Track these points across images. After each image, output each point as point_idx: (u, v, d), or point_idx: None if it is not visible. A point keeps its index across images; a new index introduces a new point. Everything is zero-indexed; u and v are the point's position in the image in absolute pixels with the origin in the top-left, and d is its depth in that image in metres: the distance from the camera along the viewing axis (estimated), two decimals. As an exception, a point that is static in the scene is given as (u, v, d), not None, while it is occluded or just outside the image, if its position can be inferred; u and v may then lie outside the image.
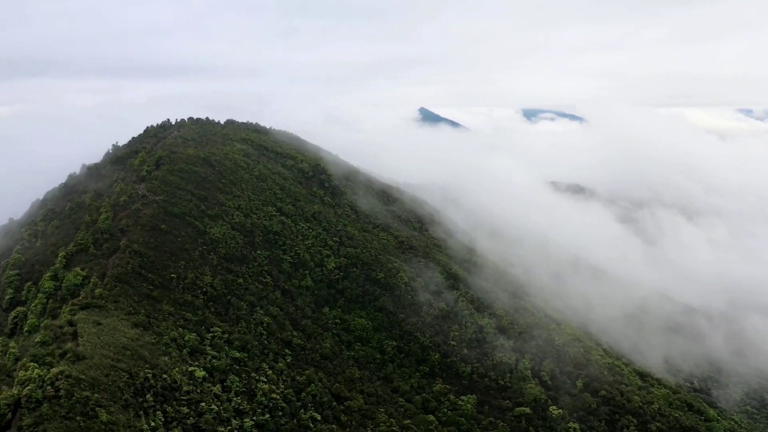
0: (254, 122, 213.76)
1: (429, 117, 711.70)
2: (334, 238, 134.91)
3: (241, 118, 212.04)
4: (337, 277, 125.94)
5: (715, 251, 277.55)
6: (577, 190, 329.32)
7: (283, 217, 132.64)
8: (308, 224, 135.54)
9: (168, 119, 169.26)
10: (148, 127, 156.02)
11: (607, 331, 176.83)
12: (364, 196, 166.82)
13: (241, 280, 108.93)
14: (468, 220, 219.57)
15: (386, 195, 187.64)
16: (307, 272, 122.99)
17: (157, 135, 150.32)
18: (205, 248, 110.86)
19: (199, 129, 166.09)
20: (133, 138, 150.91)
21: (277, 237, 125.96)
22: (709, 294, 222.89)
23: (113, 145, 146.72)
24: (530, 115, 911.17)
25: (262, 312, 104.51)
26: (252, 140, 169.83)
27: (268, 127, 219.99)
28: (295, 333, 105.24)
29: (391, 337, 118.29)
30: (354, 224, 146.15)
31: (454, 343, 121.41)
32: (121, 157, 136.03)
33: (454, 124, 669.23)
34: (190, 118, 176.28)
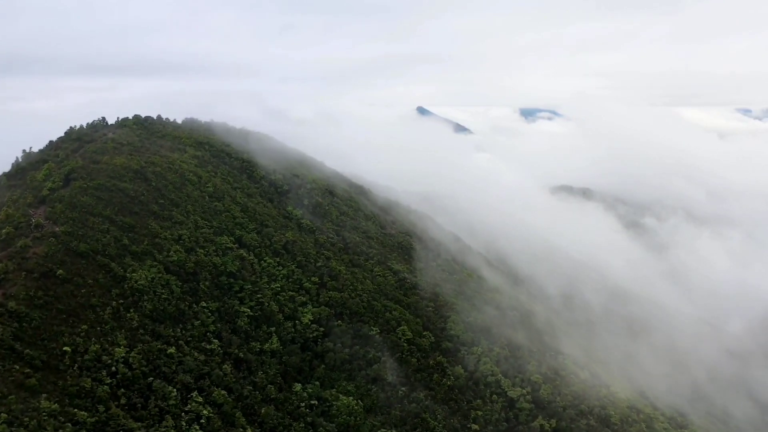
0: (222, 121, 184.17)
1: (426, 116, 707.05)
2: (313, 278, 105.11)
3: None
4: (315, 334, 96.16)
5: (738, 264, 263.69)
6: (578, 192, 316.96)
7: (242, 251, 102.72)
8: (278, 259, 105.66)
9: (103, 118, 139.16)
10: (70, 127, 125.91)
11: (650, 377, 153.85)
12: (354, 217, 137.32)
13: (172, 349, 78.96)
14: (469, 234, 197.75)
15: (382, 211, 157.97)
16: (273, 330, 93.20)
17: (81, 138, 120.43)
18: (122, 303, 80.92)
19: (143, 130, 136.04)
20: (50, 142, 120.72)
21: (232, 280, 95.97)
22: (744, 318, 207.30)
23: (24, 151, 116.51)
24: (528, 114, 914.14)
25: (200, 400, 74.68)
26: (212, 145, 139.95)
27: (239, 127, 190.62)
28: (249, 429, 75.07)
29: (390, 423, 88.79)
30: (340, 256, 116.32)
31: (477, 427, 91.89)
32: (24, 169, 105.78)
33: (451, 123, 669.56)
34: (136, 116, 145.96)
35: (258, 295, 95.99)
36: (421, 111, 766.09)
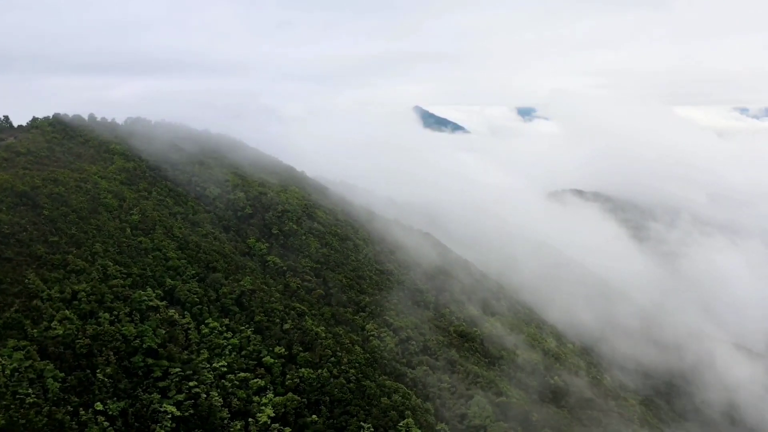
0: (178, 122, 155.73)
1: (424, 116, 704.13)
2: (278, 348, 75.77)
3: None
4: (277, 441, 66.58)
5: (760, 277, 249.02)
6: (578, 195, 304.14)
7: (173, 311, 73.32)
8: (226, 321, 76.33)
9: (6, 117, 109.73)
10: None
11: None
12: (340, 249, 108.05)
13: (31, 499, 49.15)
14: (468, 246, 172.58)
15: (367, 231, 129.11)
16: (212, 438, 63.50)
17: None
18: (-49, 419, 51.19)
19: (60, 134, 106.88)
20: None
21: (151, 361, 66.52)
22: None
23: None
24: (525, 113, 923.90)
25: None
26: (153, 153, 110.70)
27: (201, 129, 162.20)
28: None
29: None
30: (319, 309, 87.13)
31: None
32: None
33: (448, 123, 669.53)
34: (56, 116, 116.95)
35: (192, 383, 66.62)
36: (419, 110, 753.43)
